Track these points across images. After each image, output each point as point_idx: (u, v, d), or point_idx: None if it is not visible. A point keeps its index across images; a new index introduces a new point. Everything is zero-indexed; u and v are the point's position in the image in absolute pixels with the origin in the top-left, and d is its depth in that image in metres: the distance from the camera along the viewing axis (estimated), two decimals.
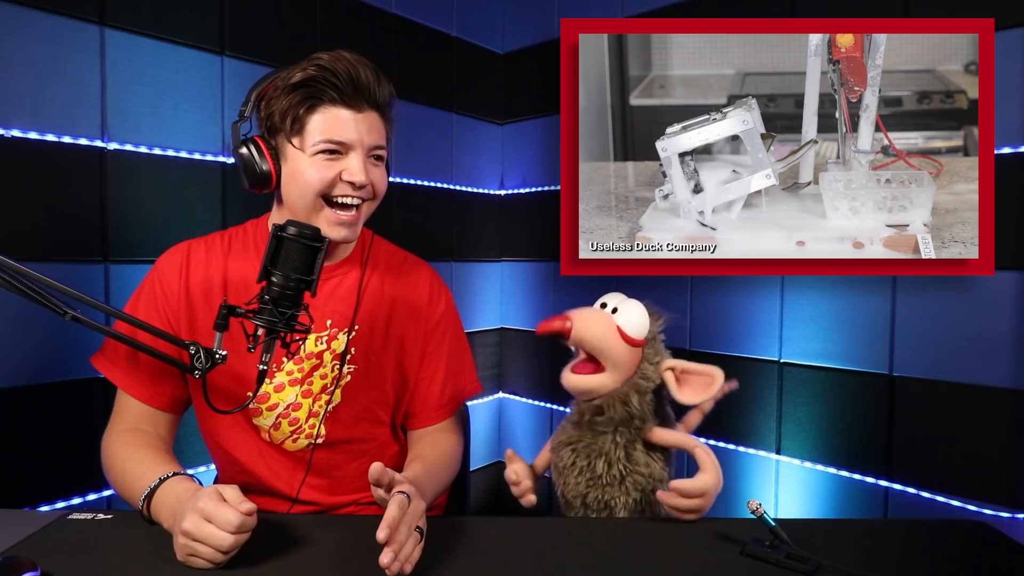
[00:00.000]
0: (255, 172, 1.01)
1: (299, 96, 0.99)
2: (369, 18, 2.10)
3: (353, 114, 1.00)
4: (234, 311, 0.85)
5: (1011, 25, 1.51)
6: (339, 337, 1.09)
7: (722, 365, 1.03)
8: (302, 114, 0.99)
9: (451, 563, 0.83)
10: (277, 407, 1.07)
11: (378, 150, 1.04)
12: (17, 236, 1.40)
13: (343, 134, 1.00)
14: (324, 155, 1.00)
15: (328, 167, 1.00)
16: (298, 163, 1.00)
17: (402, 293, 1.16)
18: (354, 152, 1.01)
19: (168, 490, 0.88)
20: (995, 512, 1.56)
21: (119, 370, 1.04)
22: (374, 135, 1.03)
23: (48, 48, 1.42)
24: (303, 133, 1.00)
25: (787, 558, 0.82)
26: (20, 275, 0.80)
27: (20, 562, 0.73)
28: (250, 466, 1.09)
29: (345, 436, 1.11)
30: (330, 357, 1.08)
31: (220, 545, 0.76)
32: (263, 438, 1.09)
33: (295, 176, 1.01)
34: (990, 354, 1.56)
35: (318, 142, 0.99)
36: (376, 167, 1.05)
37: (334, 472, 1.12)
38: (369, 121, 1.02)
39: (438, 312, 1.19)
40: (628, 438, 1.00)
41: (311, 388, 1.08)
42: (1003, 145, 1.53)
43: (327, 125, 0.99)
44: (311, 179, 1.00)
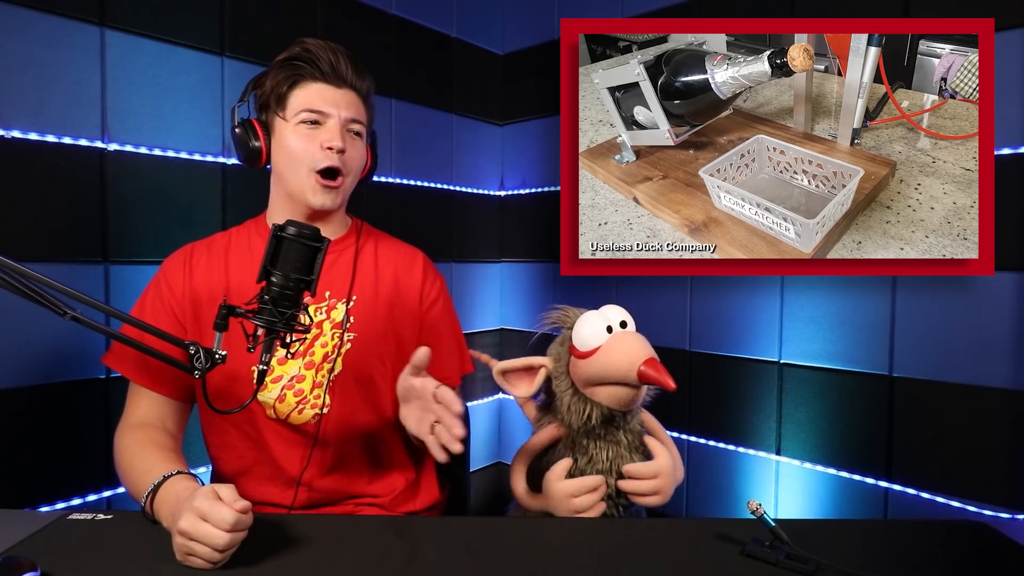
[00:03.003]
0: (247, 147, 1.11)
1: (284, 73, 1.09)
2: (369, 18, 2.11)
3: (332, 88, 1.10)
4: (234, 311, 0.85)
5: (1011, 25, 1.51)
6: (338, 307, 1.13)
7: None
8: (286, 90, 1.10)
9: (451, 563, 0.83)
10: (281, 379, 1.10)
11: (355, 124, 1.13)
12: (17, 236, 1.40)
13: (320, 104, 1.09)
14: (305, 125, 1.09)
15: (308, 136, 1.09)
16: (284, 135, 1.10)
17: (398, 269, 1.21)
18: (331, 120, 1.09)
19: (169, 489, 0.89)
20: (995, 512, 1.56)
21: (129, 364, 1.08)
22: (351, 109, 1.11)
23: (48, 49, 1.42)
24: (286, 106, 1.10)
25: (787, 558, 0.82)
26: (20, 275, 0.80)
27: (20, 562, 0.73)
28: (258, 445, 1.11)
29: (350, 408, 1.13)
30: (330, 326, 1.12)
31: (216, 544, 0.76)
32: (268, 415, 1.11)
33: (282, 148, 1.10)
34: (990, 354, 1.56)
35: (299, 112, 1.09)
36: (353, 141, 1.13)
37: (339, 447, 1.12)
38: (347, 97, 1.11)
39: (434, 292, 1.23)
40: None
41: (313, 359, 1.11)
42: (1003, 145, 1.53)
43: (306, 97, 1.09)
44: (294, 147, 1.09)
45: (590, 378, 0.97)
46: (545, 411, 1.08)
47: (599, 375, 0.95)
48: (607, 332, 0.96)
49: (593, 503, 0.99)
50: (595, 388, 0.97)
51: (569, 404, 0.99)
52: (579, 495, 0.98)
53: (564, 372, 1.00)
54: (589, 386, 0.97)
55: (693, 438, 2.09)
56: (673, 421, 2.13)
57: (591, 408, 0.97)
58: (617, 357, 0.93)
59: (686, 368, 2.06)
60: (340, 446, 1.13)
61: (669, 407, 2.12)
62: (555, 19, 2.32)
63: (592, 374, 0.96)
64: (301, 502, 1.11)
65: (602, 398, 0.96)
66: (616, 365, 0.93)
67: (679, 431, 2.10)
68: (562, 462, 1.01)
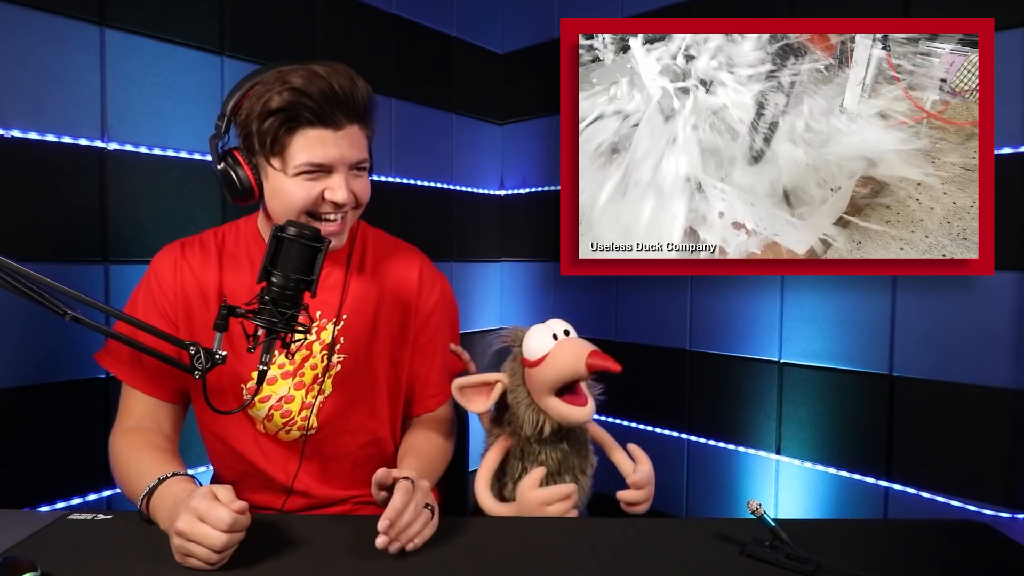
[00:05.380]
0: (236, 188, 1.01)
1: (278, 120, 0.97)
2: (369, 18, 2.10)
3: (333, 133, 0.99)
4: (234, 311, 0.85)
5: (1011, 25, 1.51)
6: (328, 327, 1.10)
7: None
8: (282, 136, 0.98)
9: (451, 563, 0.83)
10: (269, 399, 1.08)
11: (360, 163, 1.04)
12: (17, 236, 1.40)
13: (325, 155, 0.98)
14: (306, 175, 0.99)
15: (311, 187, 0.99)
16: (280, 183, 1.00)
17: (390, 284, 1.16)
18: (336, 171, 1.00)
19: (166, 491, 0.88)
20: (995, 512, 1.56)
21: (124, 365, 1.06)
22: (355, 150, 1.02)
23: (48, 48, 1.42)
24: (284, 155, 0.99)
25: (787, 558, 0.82)
26: (20, 275, 0.80)
27: (20, 562, 0.73)
28: (247, 455, 1.10)
29: (338, 427, 1.12)
30: (319, 348, 1.10)
31: (213, 544, 0.76)
32: (258, 429, 1.10)
33: (277, 194, 1.01)
34: (990, 354, 1.56)
35: (300, 164, 0.98)
36: (358, 178, 1.05)
37: (328, 463, 1.13)
38: (350, 136, 1.01)
39: (431, 302, 1.19)
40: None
41: (303, 380, 1.09)
42: (1003, 145, 1.53)
43: (308, 146, 0.98)
44: (294, 199, 0.99)
45: (544, 382, 1.01)
46: (495, 424, 1.13)
47: (552, 377, 1.01)
48: (553, 339, 1.02)
49: (567, 510, 1.03)
50: (548, 403, 1.02)
51: (524, 415, 1.05)
52: (552, 503, 1.03)
53: (520, 384, 1.06)
54: (545, 393, 1.02)
55: (693, 438, 2.09)
56: (673, 421, 2.13)
57: (543, 420, 1.04)
58: (565, 357, 1.00)
59: (686, 368, 2.06)
60: (329, 461, 1.12)
61: (670, 407, 2.13)
62: (555, 19, 2.31)
63: (545, 378, 1.01)
64: (297, 507, 1.11)
65: (555, 416, 1.03)
66: (565, 363, 1.00)
67: (679, 431, 2.10)
68: (536, 471, 1.05)
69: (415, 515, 0.85)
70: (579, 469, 1.09)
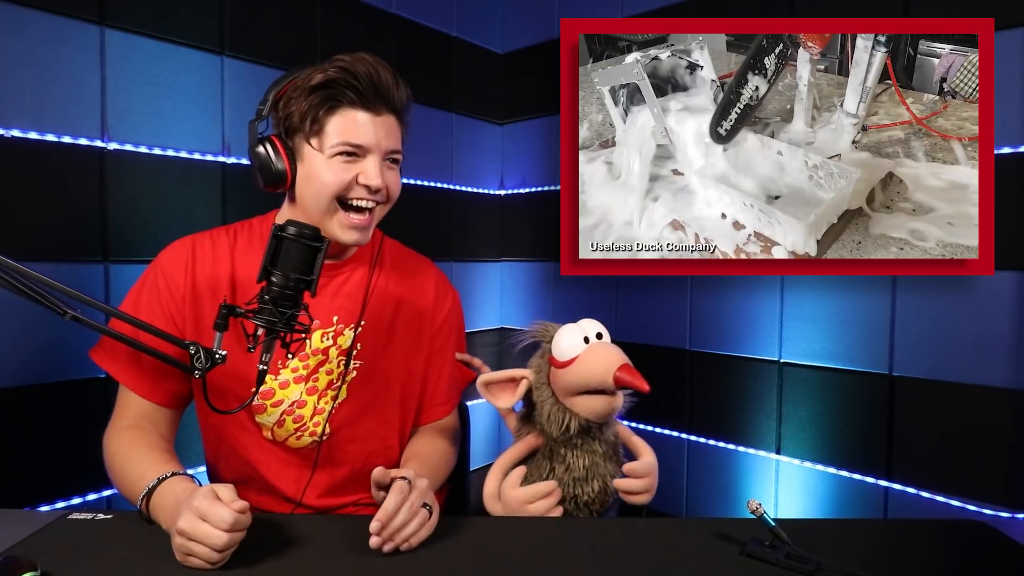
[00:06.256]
0: (271, 171, 1.01)
1: (319, 97, 0.99)
2: (369, 18, 2.10)
3: (372, 117, 1.01)
4: (234, 311, 0.85)
5: (1011, 25, 1.51)
6: (345, 333, 1.09)
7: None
8: (321, 115, 0.99)
9: (451, 563, 0.83)
10: (282, 403, 1.07)
11: (394, 154, 1.05)
12: (17, 236, 1.40)
13: (361, 137, 1.00)
14: (342, 157, 1.00)
15: (345, 169, 1.00)
16: (315, 164, 1.01)
17: (408, 292, 1.17)
18: (371, 155, 1.02)
19: (167, 490, 0.88)
20: (995, 512, 1.56)
21: (120, 364, 1.04)
22: (391, 139, 1.03)
23: (48, 48, 1.42)
24: (321, 134, 1.00)
25: (787, 558, 0.82)
26: (20, 275, 0.80)
27: (20, 562, 0.73)
28: (253, 464, 1.09)
29: (348, 434, 1.11)
30: (336, 353, 1.09)
31: (214, 543, 0.76)
32: (264, 436, 1.09)
33: (311, 177, 1.01)
34: (990, 354, 1.56)
35: (336, 144, 0.99)
36: (391, 170, 1.06)
37: (337, 472, 1.12)
38: (387, 125, 1.03)
39: (444, 312, 1.20)
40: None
41: (316, 385, 1.08)
42: (1003, 145, 1.53)
43: (346, 127, 0.99)
44: (328, 180, 1.00)
45: (569, 386, 1.00)
46: (525, 422, 1.11)
47: (578, 382, 0.99)
48: (584, 343, 1.00)
49: (548, 508, 1.01)
50: (574, 399, 1.00)
51: (549, 414, 1.03)
52: (533, 501, 1.01)
53: (545, 383, 1.04)
54: (569, 395, 1.00)
55: (693, 437, 2.09)
56: (673, 421, 2.13)
57: (569, 418, 1.01)
58: (594, 364, 0.97)
59: (686, 368, 2.06)
60: (337, 469, 1.12)
61: (670, 407, 2.13)
62: (555, 19, 2.31)
63: (571, 382, 0.99)
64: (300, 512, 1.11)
65: (580, 410, 1.00)
66: (593, 371, 0.97)
67: (679, 431, 2.10)
68: (516, 471, 1.04)
69: (410, 515, 0.84)
70: (610, 475, 1.05)
